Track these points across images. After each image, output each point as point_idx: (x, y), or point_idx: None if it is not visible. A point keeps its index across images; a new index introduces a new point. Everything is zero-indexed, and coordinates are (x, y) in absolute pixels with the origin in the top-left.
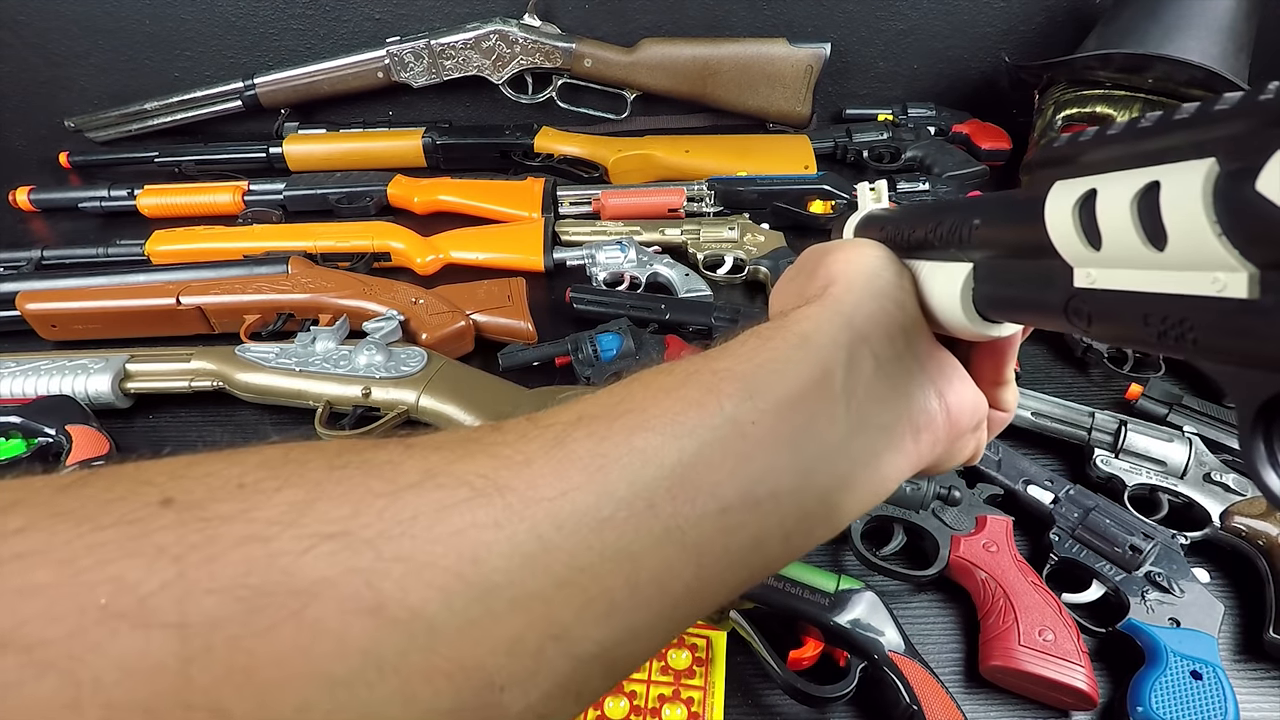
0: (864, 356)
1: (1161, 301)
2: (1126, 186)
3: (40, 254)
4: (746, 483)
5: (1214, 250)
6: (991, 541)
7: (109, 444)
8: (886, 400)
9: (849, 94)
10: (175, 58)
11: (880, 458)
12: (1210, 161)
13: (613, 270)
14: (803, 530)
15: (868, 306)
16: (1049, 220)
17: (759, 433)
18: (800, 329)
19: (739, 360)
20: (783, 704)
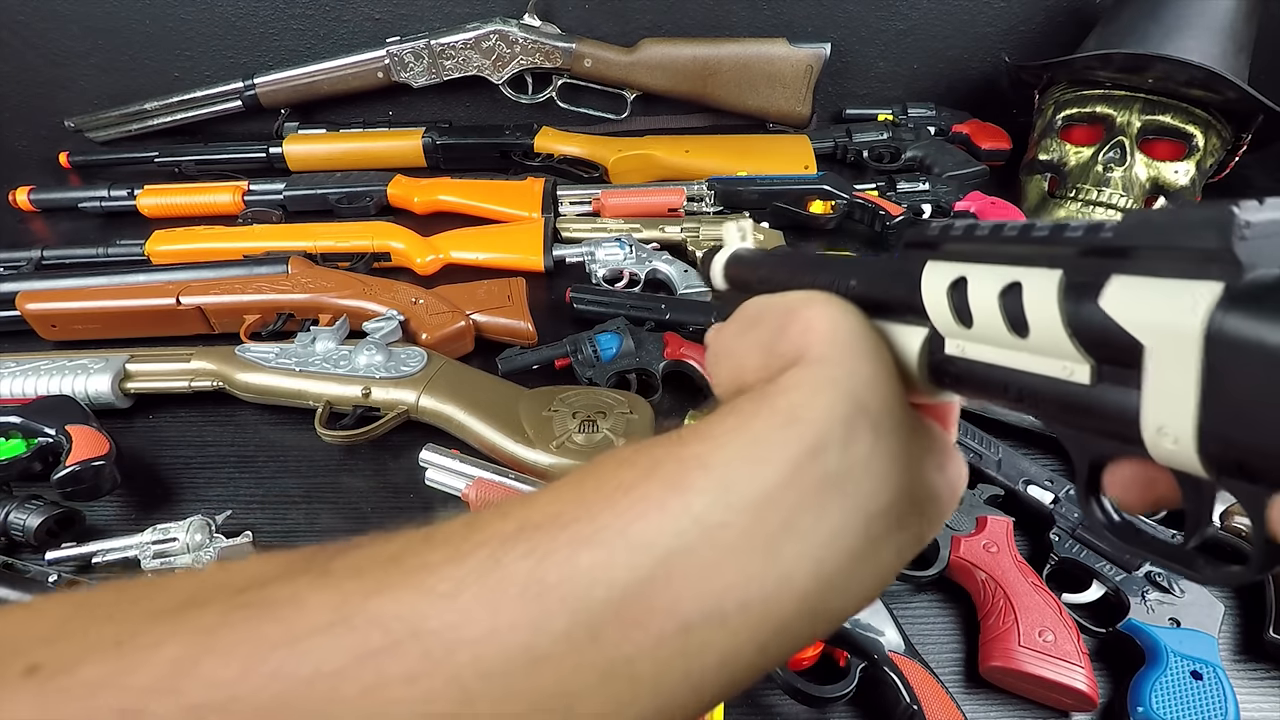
0: (862, 430)
1: (1020, 377)
2: (993, 281)
3: (40, 254)
4: (712, 597)
5: (1066, 345)
6: (992, 542)
7: (109, 444)
8: (886, 479)
9: (849, 94)
10: (175, 58)
11: (880, 546)
12: (1059, 274)
13: (611, 267)
14: (780, 643)
15: (864, 370)
16: (926, 295)
17: (730, 537)
18: (788, 402)
19: (713, 446)
20: (783, 704)
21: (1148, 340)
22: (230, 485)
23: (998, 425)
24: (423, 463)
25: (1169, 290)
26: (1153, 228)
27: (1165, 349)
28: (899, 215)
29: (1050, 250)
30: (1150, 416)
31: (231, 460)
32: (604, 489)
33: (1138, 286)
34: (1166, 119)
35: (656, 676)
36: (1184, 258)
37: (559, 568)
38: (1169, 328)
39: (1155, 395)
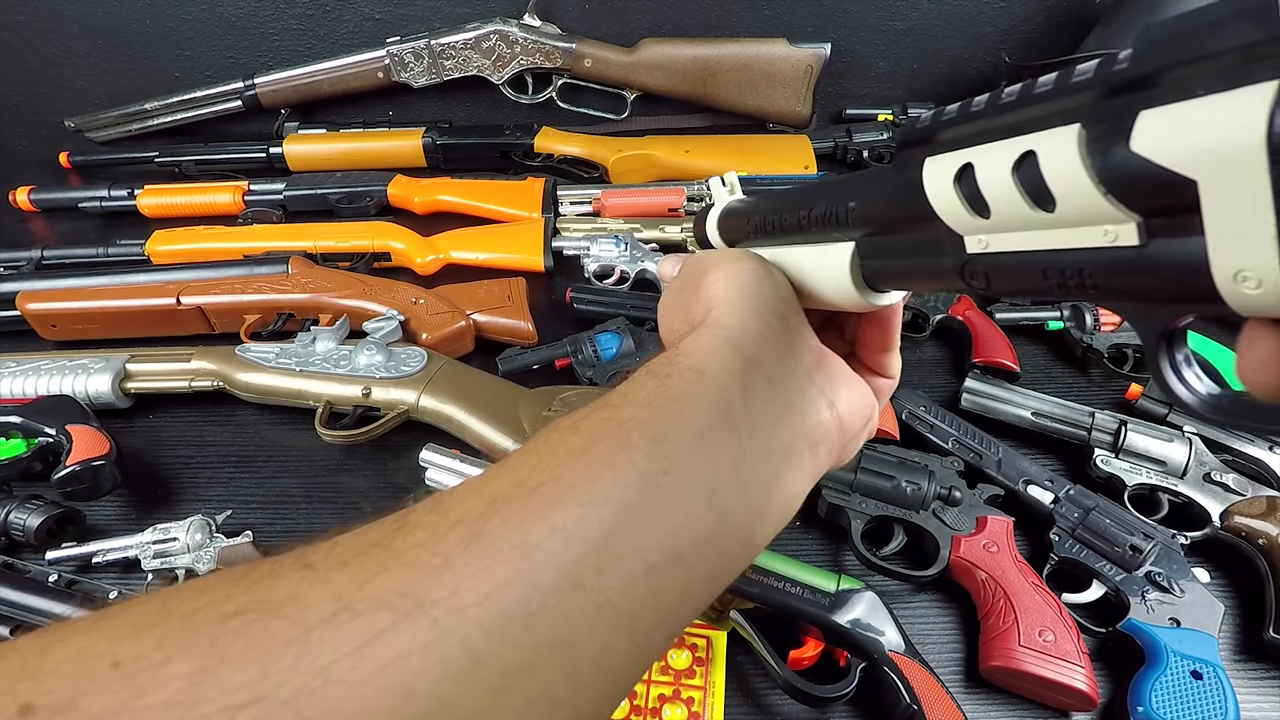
0: (757, 381)
1: (1058, 256)
2: (1001, 158)
3: (40, 254)
4: (669, 538)
5: (1102, 206)
6: (992, 542)
7: (109, 444)
8: (782, 421)
9: (849, 94)
10: (175, 58)
11: (783, 479)
12: (1077, 128)
13: (604, 263)
14: (725, 571)
15: (753, 326)
16: (932, 196)
17: (673, 482)
18: (693, 362)
19: (642, 406)
20: (783, 704)
21: (1199, 174)
22: (230, 485)
23: (998, 425)
24: (423, 463)
25: (1212, 109)
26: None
27: (1223, 178)
28: None
29: (1060, 104)
30: (1222, 262)
31: (231, 460)
32: (558, 455)
33: (1173, 115)
34: None
35: (633, 615)
36: (1221, 64)
37: (537, 530)
38: (1222, 151)
39: (1222, 236)
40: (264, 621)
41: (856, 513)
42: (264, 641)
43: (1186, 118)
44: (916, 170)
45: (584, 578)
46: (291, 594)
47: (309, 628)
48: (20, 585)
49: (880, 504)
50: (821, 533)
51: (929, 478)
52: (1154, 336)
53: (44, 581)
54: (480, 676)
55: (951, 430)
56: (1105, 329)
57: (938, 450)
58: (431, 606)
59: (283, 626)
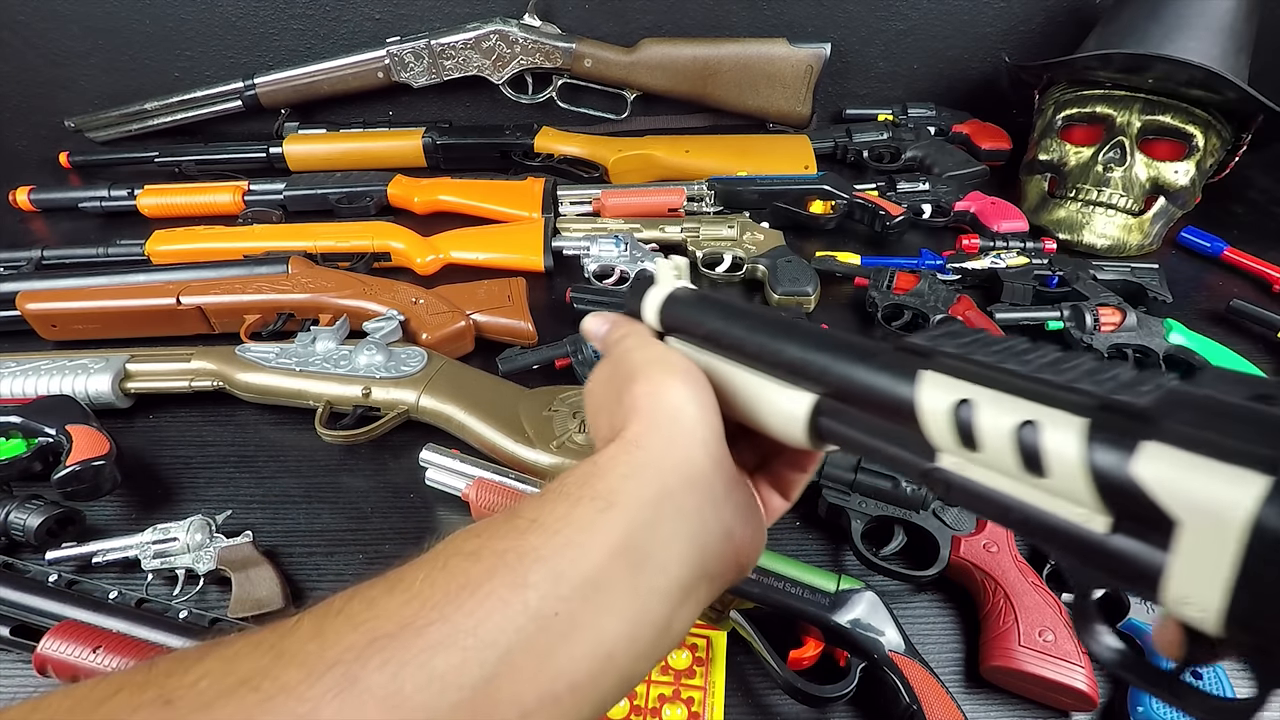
0: (668, 514)
1: (1026, 509)
2: (1005, 413)
3: (40, 254)
4: (548, 682)
5: (1085, 495)
6: (992, 542)
7: (109, 444)
8: (685, 556)
9: (849, 94)
10: (175, 58)
11: (674, 619)
12: (1084, 422)
13: (604, 263)
14: (599, 709)
15: (672, 455)
16: (925, 410)
17: (560, 625)
18: (606, 487)
19: (546, 536)
20: (783, 704)
21: (1184, 517)
22: (230, 485)
23: None
24: (423, 463)
25: (1210, 472)
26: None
27: (1202, 530)
28: (899, 215)
29: (1061, 391)
30: (1176, 586)
31: (231, 460)
32: (453, 585)
33: (1175, 461)
34: (1166, 119)
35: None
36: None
37: (414, 676)
38: (1209, 511)
39: (1185, 569)
40: None
41: (856, 513)
42: None
43: (1188, 468)
44: (910, 376)
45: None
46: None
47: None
48: (20, 585)
49: (880, 504)
50: (821, 533)
51: None
52: (1086, 595)
53: (44, 581)
54: None
55: None
56: (1105, 329)
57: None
58: None
59: None
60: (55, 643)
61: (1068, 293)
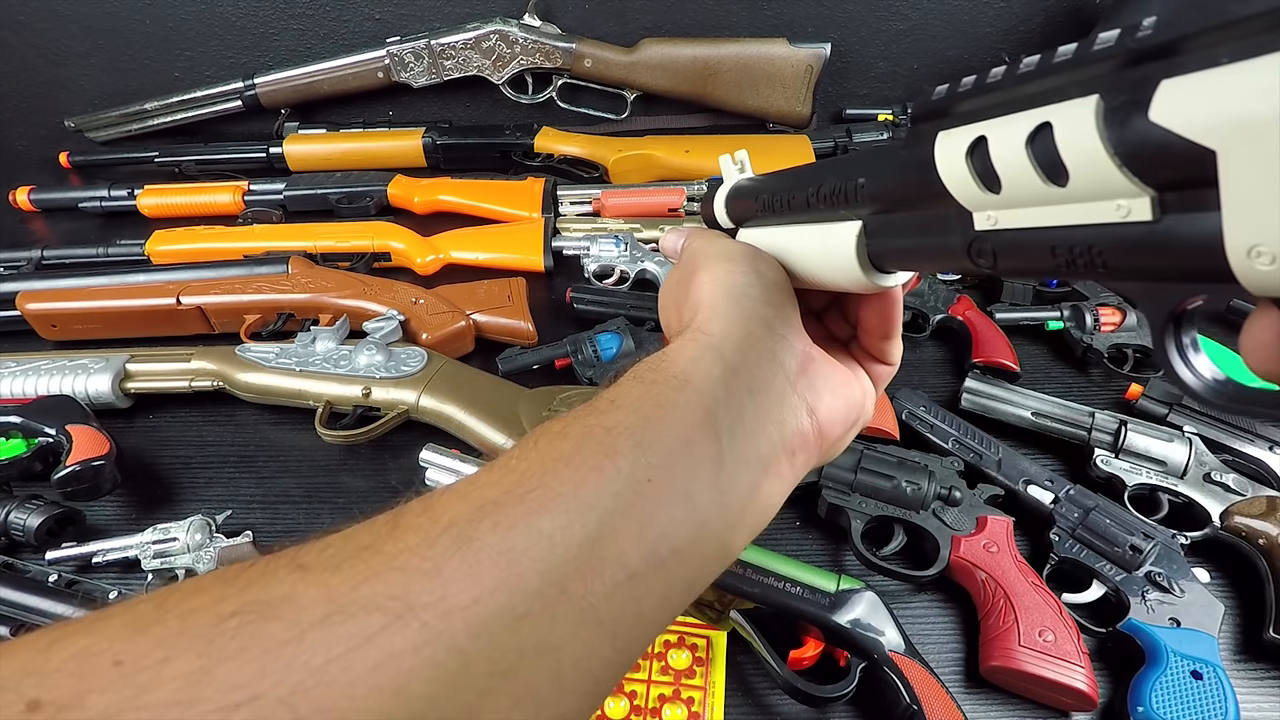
0: (738, 390)
1: (1068, 233)
2: (1016, 129)
3: (40, 254)
4: (650, 544)
5: (1116, 180)
6: (992, 542)
7: (109, 444)
8: (761, 430)
9: (849, 94)
10: (175, 58)
11: (761, 487)
12: (1095, 99)
13: (603, 263)
14: (703, 576)
15: (736, 334)
16: (943, 171)
17: (655, 490)
18: (678, 369)
19: (628, 413)
20: (783, 704)
21: (1219, 143)
22: (230, 485)
23: (998, 425)
24: (423, 463)
25: (1234, 76)
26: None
27: (1242, 147)
28: None
29: (1080, 74)
30: (1237, 236)
31: (231, 460)
32: (546, 461)
33: (1195, 84)
34: None
35: (615, 619)
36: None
37: (525, 535)
38: (1243, 119)
39: (1239, 208)
40: (260, 623)
41: (856, 513)
42: (260, 642)
43: (1208, 86)
44: (929, 144)
45: (568, 583)
46: (286, 596)
47: (303, 629)
48: (20, 585)
49: (880, 504)
50: (821, 533)
51: (929, 478)
52: (1161, 318)
53: (44, 581)
54: (467, 678)
55: (951, 430)
56: (1105, 329)
57: (938, 450)
58: (421, 610)
59: (278, 628)
60: None
61: (1068, 292)
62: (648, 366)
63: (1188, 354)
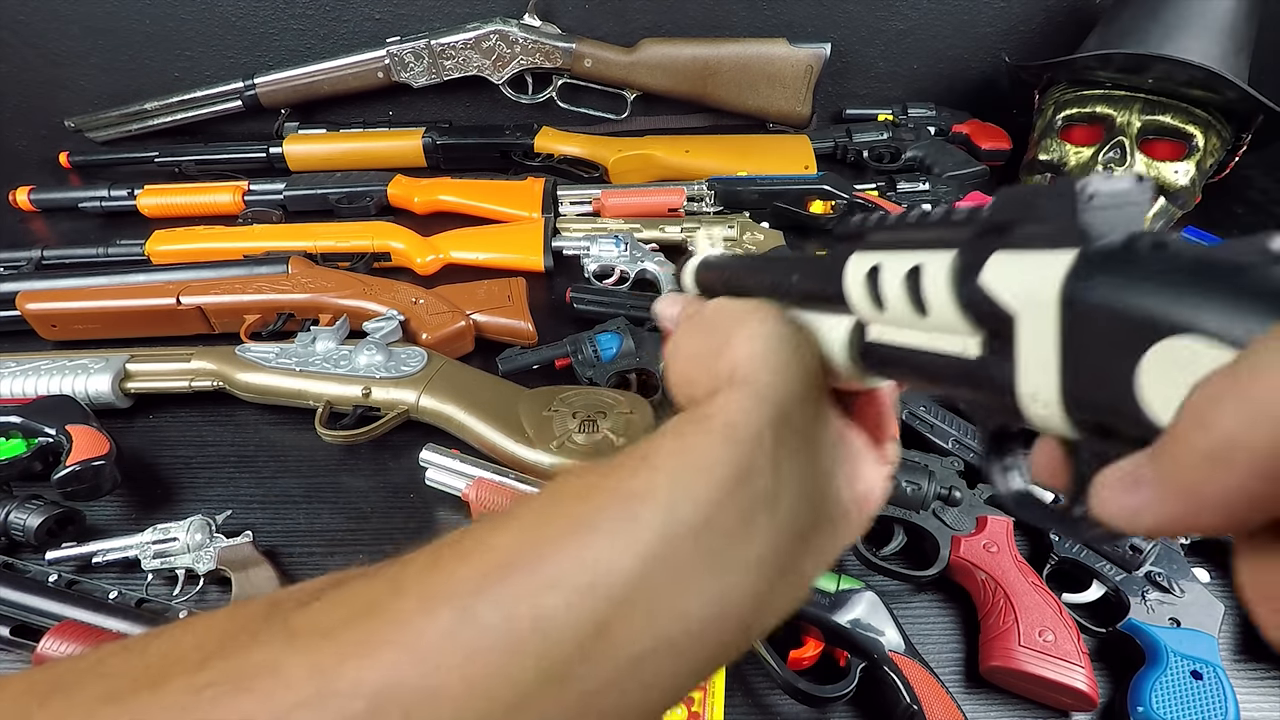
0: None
1: (927, 356)
2: (900, 265)
3: (40, 254)
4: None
5: (958, 321)
6: (992, 542)
7: (109, 444)
8: (805, 496)
9: (849, 94)
10: (175, 58)
11: (797, 564)
12: (954, 254)
13: (603, 263)
14: (717, 661)
15: (790, 388)
16: (849, 287)
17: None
18: (722, 422)
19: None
20: (783, 704)
21: (1018, 309)
22: (230, 485)
23: None
24: (423, 463)
25: (1034, 262)
26: (1017, 201)
27: (1031, 317)
28: None
29: (948, 233)
30: (1024, 383)
31: (231, 460)
32: (562, 525)
33: (1010, 261)
34: (1166, 119)
35: (618, 707)
36: (1046, 230)
37: (528, 616)
38: (1032, 296)
39: (1026, 361)
40: (234, 697)
41: None
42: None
43: (1019, 264)
44: (843, 261)
45: (569, 670)
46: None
47: (283, 711)
48: (20, 585)
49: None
50: None
51: (929, 478)
52: (986, 433)
53: (44, 581)
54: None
55: (951, 430)
56: None
57: (938, 450)
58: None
59: (255, 706)
60: (55, 643)
61: None
62: (686, 420)
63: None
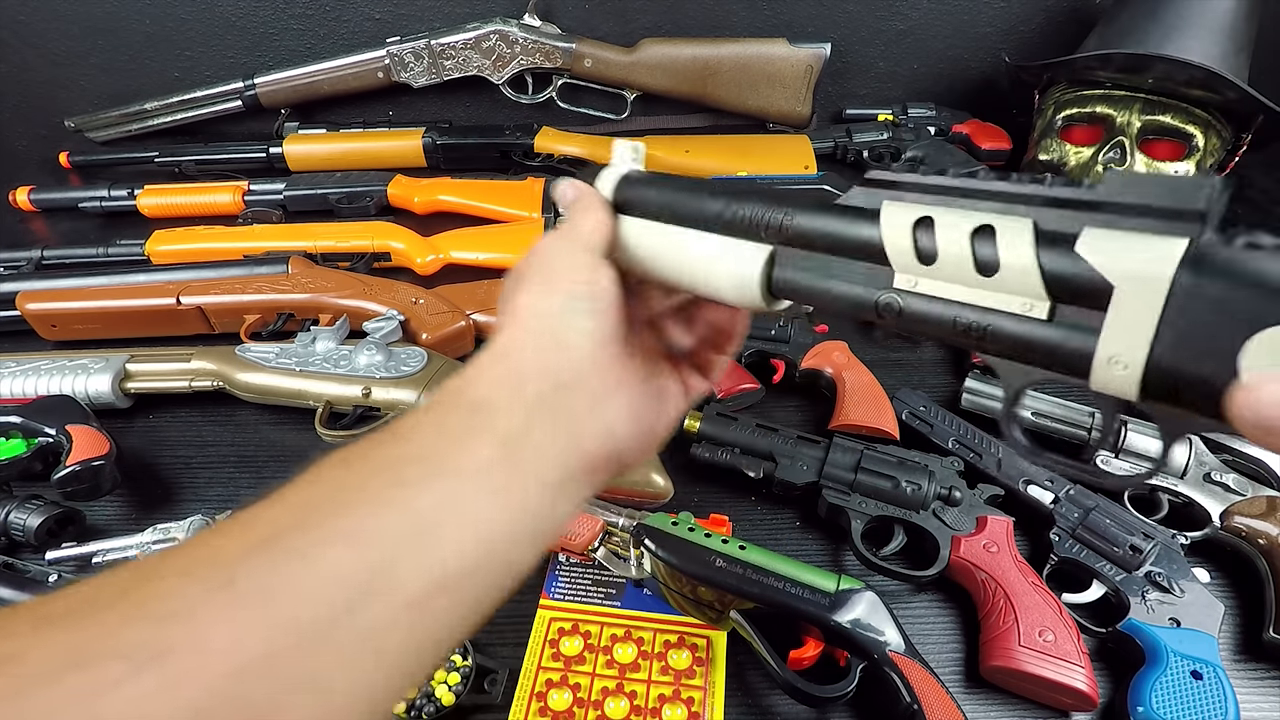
0: (541, 414)
1: (975, 312)
2: (962, 221)
3: (40, 254)
4: (433, 571)
5: (1033, 284)
6: (992, 542)
7: (109, 444)
8: (561, 455)
9: (849, 94)
10: (175, 58)
11: (554, 509)
12: (1031, 221)
13: None
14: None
15: (544, 358)
16: (886, 234)
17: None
18: (479, 395)
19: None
20: (783, 704)
21: (1119, 283)
22: (230, 485)
23: (998, 425)
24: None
25: (1143, 242)
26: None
27: (1134, 291)
28: None
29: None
30: (1107, 347)
31: (231, 460)
32: (328, 494)
33: (1112, 238)
34: (1166, 119)
35: (392, 649)
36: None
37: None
38: (1141, 273)
39: (1117, 329)
40: None
41: (856, 513)
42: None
43: (1124, 241)
44: (875, 206)
45: (340, 618)
46: (15, 653)
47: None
48: (20, 585)
49: (880, 504)
50: (821, 533)
51: (929, 478)
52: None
53: (44, 581)
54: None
55: (951, 430)
56: None
57: (938, 450)
58: (172, 655)
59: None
60: None
61: None
62: (449, 392)
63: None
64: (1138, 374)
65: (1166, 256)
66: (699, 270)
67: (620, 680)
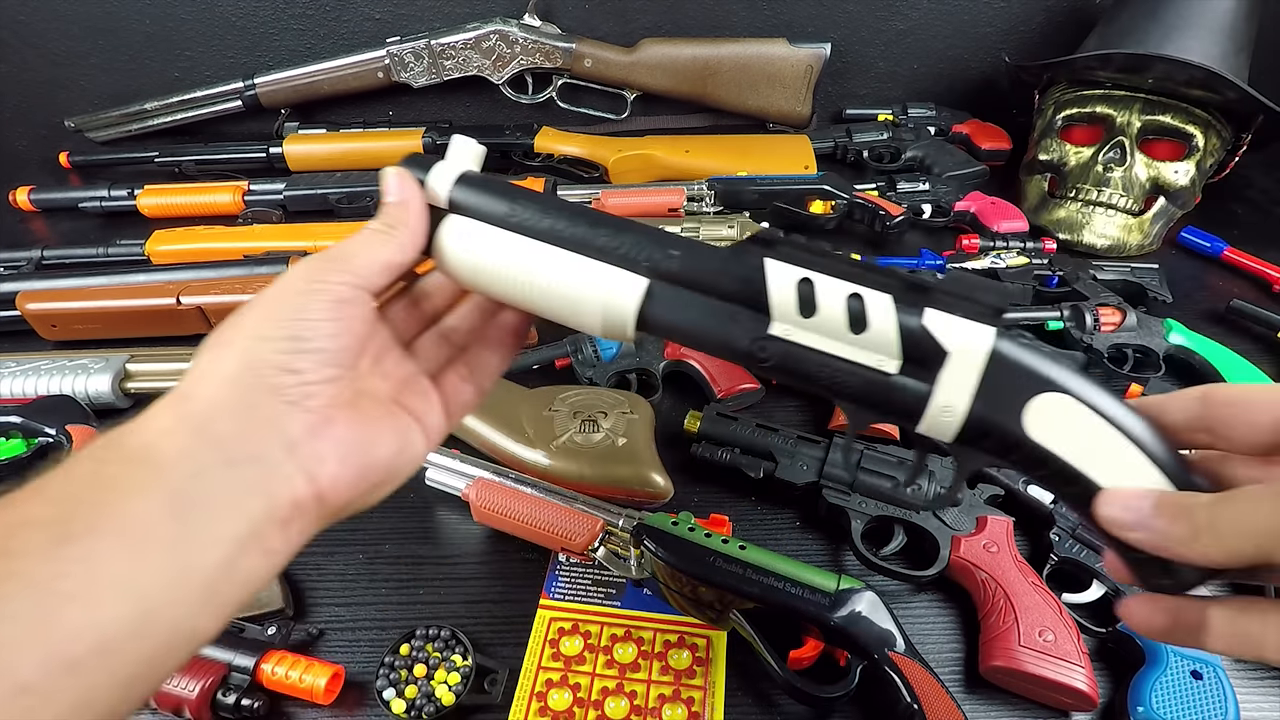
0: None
1: (835, 362)
2: (840, 288)
3: (40, 254)
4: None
5: (890, 345)
6: (992, 542)
7: None
8: (239, 506)
9: (849, 94)
10: (175, 58)
11: (236, 566)
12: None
13: None
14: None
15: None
16: (772, 287)
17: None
18: (142, 443)
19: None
20: (783, 704)
21: (953, 350)
22: None
23: None
24: (423, 462)
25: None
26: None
27: (963, 358)
28: (899, 215)
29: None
30: (939, 398)
31: None
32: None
33: (945, 317)
34: (1166, 119)
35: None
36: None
37: None
38: (969, 345)
39: (949, 385)
40: None
41: (856, 513)
42: None
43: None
44: (757, 261)
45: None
46: None
47: None
48: None
49: (880, 504)
50: (821, 533)
51: (929, 478)
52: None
53: None
54: None
55: None
56: (1105, 329)
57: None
58: None
59: None
60: None
61: (1068, 293)
62: (111, 439)
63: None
64: (957, 421)
65: (984, 335)
66: (556, 291)
67: (620, 680)
